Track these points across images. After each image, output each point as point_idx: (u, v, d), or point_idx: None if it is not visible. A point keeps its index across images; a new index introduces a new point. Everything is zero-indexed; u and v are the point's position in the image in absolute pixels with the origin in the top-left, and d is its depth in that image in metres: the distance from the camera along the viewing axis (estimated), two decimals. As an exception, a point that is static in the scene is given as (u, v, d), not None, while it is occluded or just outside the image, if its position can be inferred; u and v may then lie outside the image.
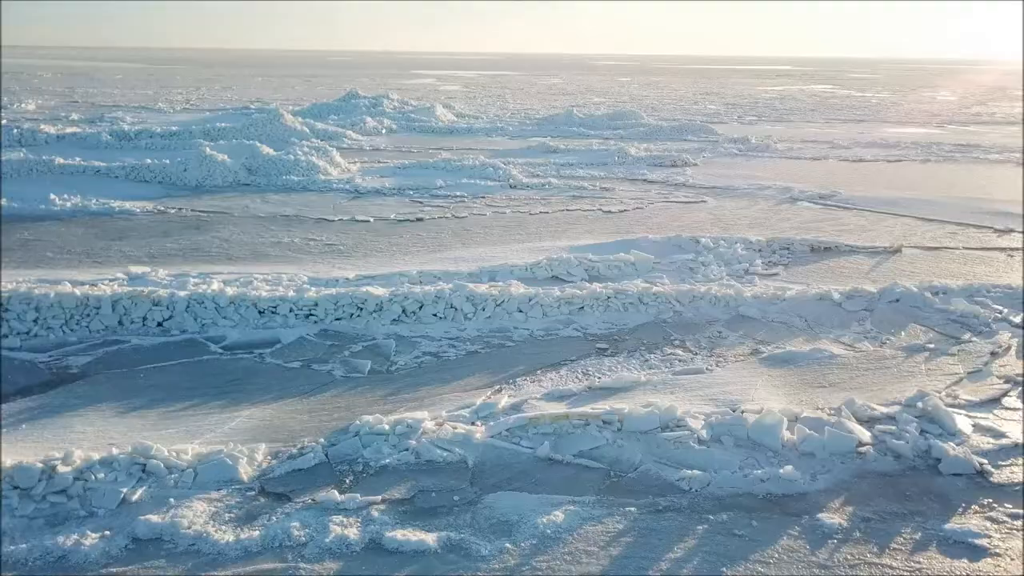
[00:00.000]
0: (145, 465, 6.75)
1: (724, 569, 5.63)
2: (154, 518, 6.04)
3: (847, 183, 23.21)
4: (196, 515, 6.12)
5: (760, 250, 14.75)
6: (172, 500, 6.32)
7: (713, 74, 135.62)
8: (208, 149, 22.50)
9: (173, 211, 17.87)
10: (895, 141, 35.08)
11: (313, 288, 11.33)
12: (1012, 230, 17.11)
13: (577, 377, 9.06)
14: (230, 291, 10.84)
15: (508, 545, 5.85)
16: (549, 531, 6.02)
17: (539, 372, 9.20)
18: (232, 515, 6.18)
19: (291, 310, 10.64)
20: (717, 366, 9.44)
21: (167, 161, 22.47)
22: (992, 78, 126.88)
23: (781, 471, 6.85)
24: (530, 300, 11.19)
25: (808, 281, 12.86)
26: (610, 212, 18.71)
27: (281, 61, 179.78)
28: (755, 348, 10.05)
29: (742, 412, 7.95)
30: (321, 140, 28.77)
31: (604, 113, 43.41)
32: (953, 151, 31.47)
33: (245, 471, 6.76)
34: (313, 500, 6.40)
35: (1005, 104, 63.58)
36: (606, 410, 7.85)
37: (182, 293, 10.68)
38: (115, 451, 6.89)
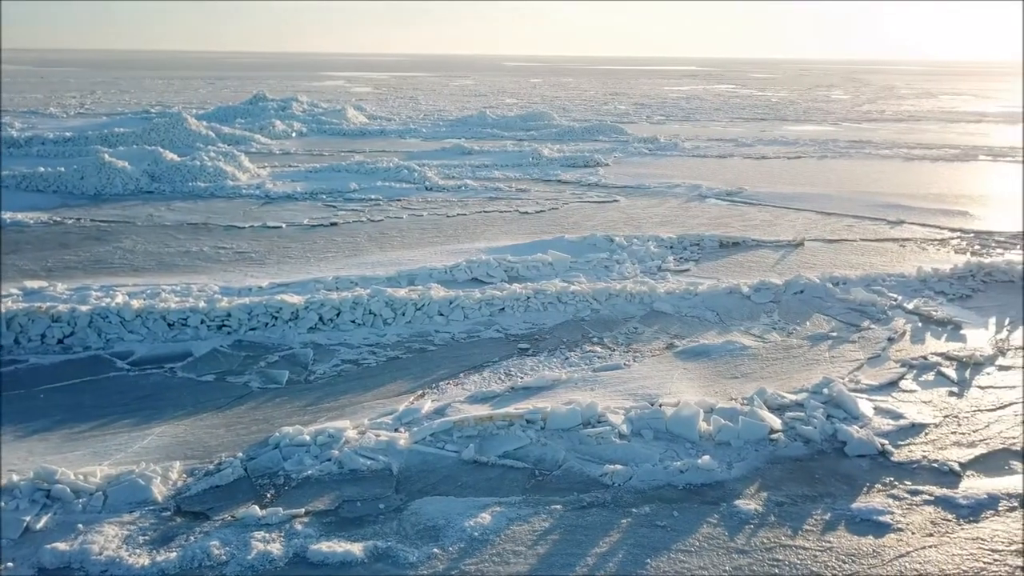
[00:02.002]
0: (49, 491, 6.42)
1: (648, 560, 5.77)
2: (61, 546, 5.75)
3: (751, 180, 24.14)
4: (107, 540, 5.85)
5: (672, 247, 15.18)
6: (81, 526, 6.03)
7: (621, 75, 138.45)
8: (107, 155, 21.52)
9: (71, 221, 17.02)
10: (794, 139, 36.67)
11: (225, 298, 11.00)
12: (903, 221, 18.16)
13: (500, 378, 9.11)
14: (136, 304, 10.41)
15: (436, 550, 5.84)
16: (476, 533, 6.04)
17: (462, 375, 9.21)
18: (147, 537, 5.95)
19: (202, 321, 10.30)
20: (635, 361, 9.66)
21: (62, 169, 21.38)
22: (882, 78, 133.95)
23: (699, 461, 7.07)
24: (451, 303, 11.18)
25: (718, 275, 13.32)
26: (526, 213, 18.87)
27: (182, 63, 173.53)
28: (670, 342, 10.33)
29: (660, 405, 8.17)
30: (228, 144, 27.92)
31: (517, 114, 43.72)
32: (848, 148, 33.14)
33: (159, 491, 6.52)
34: (233, 517, 6.22)
35: (893, 102, 67.32)
36: (529, 409, 7.93)
37: (84, 308, 10.18)
38: (15, 477, 6.52)
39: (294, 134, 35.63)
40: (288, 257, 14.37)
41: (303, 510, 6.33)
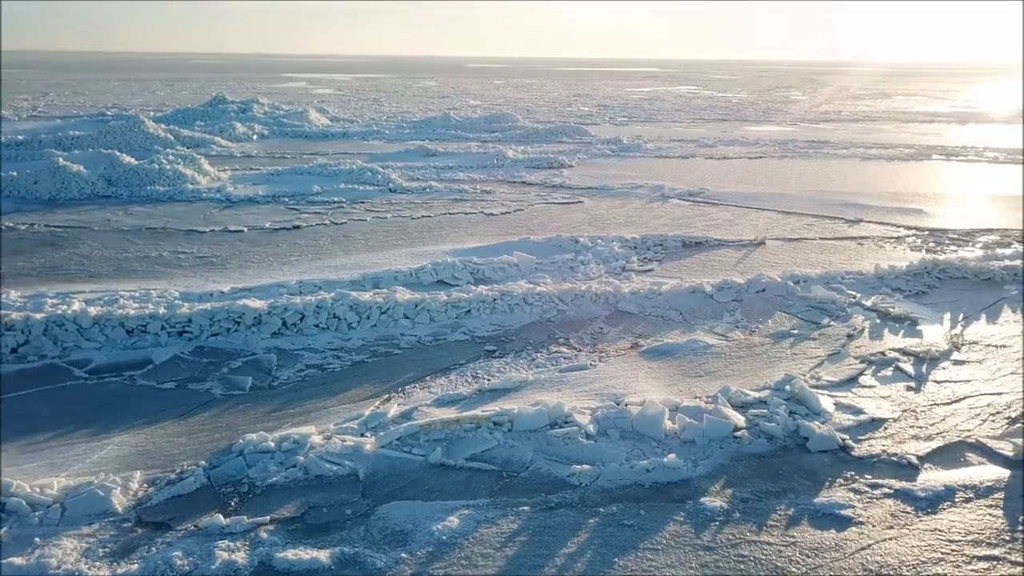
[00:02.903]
0: (4, 504, 6.26)
1: (616, 559, 5.80)
2: (18, 560, 5.61)
3: (713, 180, 24.42)
4: (66, 553, 5.72)
5: (635, 247, 15.30)
6: (38, 539, 5.88)
7: (583, 76, 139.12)
8: (61, 159, 21.04)
9: (24, 227, 16.60)
10: (755, 139, 37.19)
11: (186, 304, 10.81)
12: (861, 220, 18.52)
13: (467, 380, 9.09)
14: (93, 311, 10.19)
15: (404, 555, 5.81)
16: (445, 537, 6.02)
17: (428, 378, 9.17)
18: (107, 549, 5.82)
19: (163, 328, 10.12)
20: (600, 361, 9.71)
21: (14, 173, 20.85)
22: (839, 79, 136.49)
23: (665, 460, 7.13)
24: (416, 306, 11.12)
25: (681, 275, 13.45)
26: (492, 215, 18.86)
27: (138, 64, 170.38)
28: (635, 342, 10.41)
29: (626, 405, 8.23)
30: (187, 147, 27.48)
31: (481, 116, 43.70)
32: (807, 148, 33.70)
33: (119, 501, 6.38)
34: (196, 526, 6.11)
35: (849, 103, 68.63)
36: (496, 411, 7.92)
37: (38, 315, 9.94)
38: (-32, 491, 6.34)
39: (255, 136, 35.20)
40: (250, 261, 14.18)
41: (268, 518, 6.25)
